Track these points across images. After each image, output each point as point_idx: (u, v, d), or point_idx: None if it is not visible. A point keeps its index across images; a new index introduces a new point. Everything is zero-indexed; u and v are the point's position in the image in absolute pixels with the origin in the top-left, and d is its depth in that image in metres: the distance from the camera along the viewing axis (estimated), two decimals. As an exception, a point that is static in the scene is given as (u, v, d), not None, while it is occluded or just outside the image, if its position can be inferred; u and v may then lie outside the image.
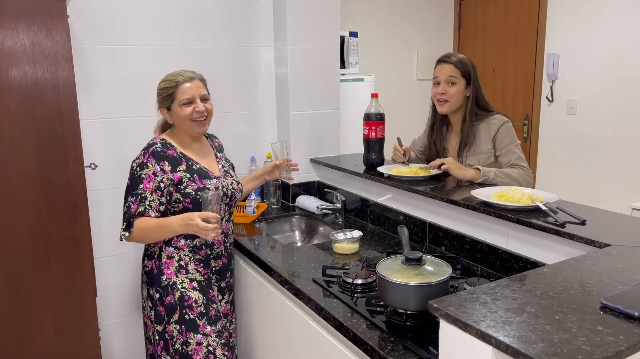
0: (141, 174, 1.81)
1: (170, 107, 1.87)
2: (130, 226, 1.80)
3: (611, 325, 0.93)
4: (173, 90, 1.85)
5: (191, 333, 1.85)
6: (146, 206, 1.79)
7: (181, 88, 1.86)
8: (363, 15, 3.96)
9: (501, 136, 2.08)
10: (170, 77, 1.89)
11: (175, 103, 1.86)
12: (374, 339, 1.34)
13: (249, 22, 2.70)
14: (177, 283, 1.87)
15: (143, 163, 1.82)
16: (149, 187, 1.80)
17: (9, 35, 1.79)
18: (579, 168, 3.59)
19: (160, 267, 1.88)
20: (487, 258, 1.78)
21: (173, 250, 1.88)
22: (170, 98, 1.86)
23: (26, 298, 1.94)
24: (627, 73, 3.26)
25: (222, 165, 2.03)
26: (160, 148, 1.85)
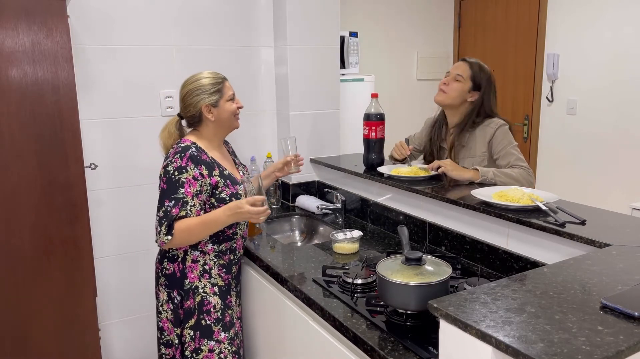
0: (180, 178, 1.75)
1: (217, 102, 1.85)
2: (171, 230, 1.74)
3: (611, 325, 0.93)
4: (221, 86, 1.86)
5: (205, 340, 1.83)
6: (187, 210, 1.75)
7: (226, 84, 1.89)
8: (363, 15, 3.95)
9: (497, 139, 2.09)
10: (210, 74, 1.88)
11: (222, 99, 1.86)
12: (374, 339, 1.34)
13: (249, 22, 2.70)
14: (199, 288, 1.85)
15: (182, 166, 1.76)
16: (190, 192, 1.75)
17: (9, 35, 1.79)
18: (579, 168, 3.59)
19: (184, 271, 1.84)
20: (487, 258, 1.78)
21: (199, 254, 1.85)
22: (219, 93, 1.85)
23: (26, 298, 1.94)
24: (627, 73, 3.26)
25: (242, 171, 2.02)
26: (196, 152, 1.81)
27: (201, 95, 1.84)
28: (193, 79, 1.87)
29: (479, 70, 2.15)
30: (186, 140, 1.84)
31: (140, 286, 2.62)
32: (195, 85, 1.85)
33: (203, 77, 1.87)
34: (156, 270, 1.92)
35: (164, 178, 1.77)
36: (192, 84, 1.86)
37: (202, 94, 1.84)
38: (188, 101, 1.86)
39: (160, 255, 1.90)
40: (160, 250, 1.91)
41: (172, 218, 1.73)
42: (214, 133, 1.90)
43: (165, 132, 1.92)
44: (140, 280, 2.61)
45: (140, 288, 2.62)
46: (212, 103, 1.85)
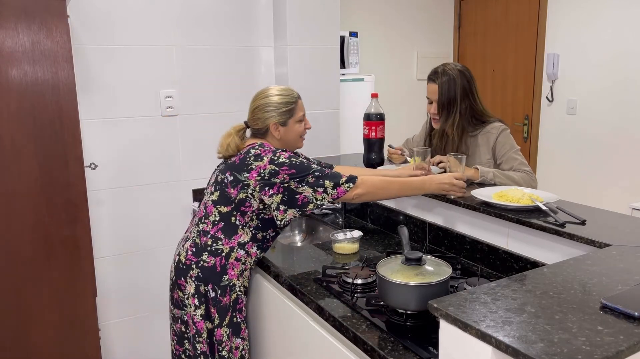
0: (303, 162, 1.75)
1: (286, 122, 1.83)
2: (353, 179, 1.72)
3: (611, 325, 0.93)
4: (293, 105, 1.83)
5: (234, 337, 1.85)
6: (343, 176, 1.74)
7: (299, 104, 1.86)
8: (363, 15, 3.95)
9: (500, 144, 2.08)
10: (285, 92, 1.85)
11: (292, 119, 1.84)
12: (374, 339, 1.34)
13: (249, 22, 2.70)
14: (236, 286, 1.84)
15: (288, 156, 1.75)
16: (314, 165, 1.76)
17: (9, 35, 1.79)
18: (579, 168, 3.59)
19: (225, 266, 1.80)
20: (487, 258, 1.78)
21: (243, 253, 1.83)
22: (290, 113, 1.83)
23: (26, 298, 1.94)
24: (627, 74, 3.26)
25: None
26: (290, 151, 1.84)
27: (271, 112, 1.82)
28: (265, 94, 1.85)
29: (448, 86, 2.06)
30: (266, 144, 1.82)
31: (141, 286, 2.62)
32: (266, 101, 1.83)
33: (275, 93, 1.84)
34: (186, 262, 1.81)
35: (285, 167, 1.72)
36: (263, 99, 1.83)
37: (272, 112, 1.82)
38: (257, 115, 1.84)
39: (198, 247, 1.81)
40: (196, 243, 1.81)
41: (338, 175, 1.72)
42: (276, 146, 1.86)
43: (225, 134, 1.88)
44: (140, 279, 2.61)
45: (140, 288, 2.62)
46: (281, 123, 1.83)
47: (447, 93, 2.07)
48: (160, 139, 2.57)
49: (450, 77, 2.08)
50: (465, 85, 2.09)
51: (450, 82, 2.07)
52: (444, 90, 2.07)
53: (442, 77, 2.08)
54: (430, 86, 2.14)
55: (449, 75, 2.08)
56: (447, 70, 2.09)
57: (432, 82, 2.12)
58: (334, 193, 1.73)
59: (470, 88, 2.10)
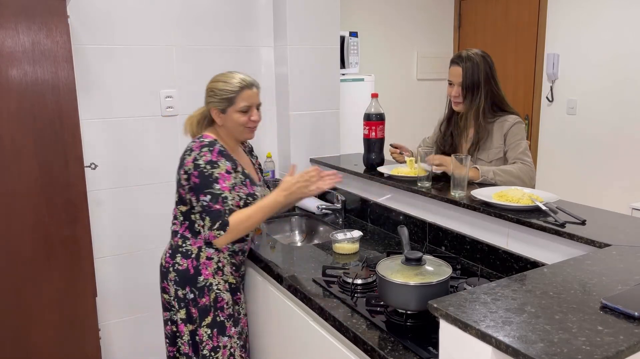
0: (213, 173, 1.73)
1: (225, 110, 1.81)
2: (225, 225, 1.70)
3: (611, 325, 0.93)
4: (234, 95, 1.79)
5: (220, 336, 1.83)
6: (230, 205, 1.72)
7: (243, 94, 1.80)
8: (363, 15, 3.95)
9: (512, 133, 2.09)
10: (231, 79, 1.81)
11: (232, 108, 1.80)
12: (374, 339, 1.34)
13: (249, 22, 2.70)
14: (213, 284, 1.83)
15: (213, 161, 1.74)
16: (226, 186, 1.73)
17: (9, 35, 1.79)
18: (579, 168, 3.59)
19: (198, 267, 1.82)
20: (487, 258, 1.78)
21: (214, 252, 1.84)
22: (229, 102, 1.80)
23: (26, 298, 1.94)
24: (627, 74, 3.26)
25: (260, 174, 2.02)
26: (224, 148, 1.81)
27: (213, 97, 1.82)
28: (216, 78, 1.84)
29: (472, 68, 2.09)
30: (208, 136, 1.81)
31: (140, 286, 2.62)
32: (212, 86, 1.83)
33: (222, 80, 1.82)
34: (165, 265, 1.85)
35: (195, 172, 1.73)
36: (212, 83, 1.84)
37: (214, 97, 1.82)
38: (205, 98, 1.86)
39: (172, 249, 1.85)
40: (171, 244, 1.88)
41: (219, 215, 1.69)
42: (226, 135, 1.87)
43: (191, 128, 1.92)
44: (140, 279, 2.61)
45: (140, 288, 2.62)
46: (221, 110, 1.82)
47: (472, 77, 2.10)
48: (160, 139, 2.57)
49: (474, 62, 2.10)
50: (487, 70, 2.12)
51: (474, 66, 2.10)
52: (468, 73, 2.09)
53: (467, 61, 2.10)
54: (453, 69, 2.14)
55: (472, 60, 2.10)
56: (470, 55, 2.12)
57: (456, 65, 2.13)
58: (207, 234, 1.73)
59: (492, 73, 2.13)
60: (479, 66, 2.10)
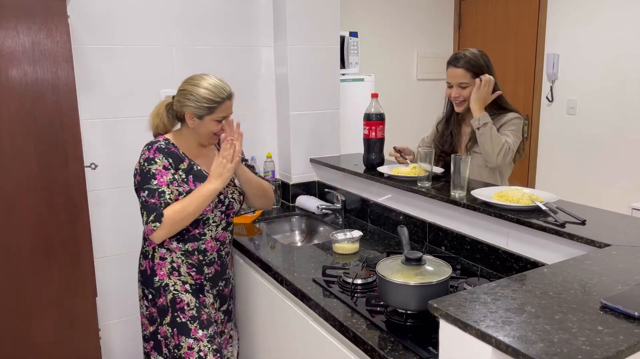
0: (150, 169, 1.75)
1: (202, 117, 1.78)
2: (160, 217, 1.70)
3: (611, 325, 0.93)
4: (216, 105, 1.77)
5: (183, 337, 1.82)
6: (167, 199, 1.72)
7: (224, 105, 1.79)
8: (363, 15, 3.95)
9: (508, 124, 2.10)
10: (214, 88, 1.76)
11: (209, 117, 1.78)
12: (374, 339, 1.34)
13: (249, 22, 2.70)
14: (169, 285, 1.84)
15: (150, 158, 1.77)
16: (163, 181, 1.74)
17: (9, 35, 1.79)
18: (579, 168, 3.59)
19: (153, 268, 1.86)
20: (487, 258, 1.78)
21: (165, 251, 1.85)
22: (209, 111, 1.77)
23: (26, 298, 1.94)
24: (627, 74, 3.26)
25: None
26: (164, 145, 1.81)
27: (191, 102, 1.77)
28: (196, 82, 1.79)
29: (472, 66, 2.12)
30: (160, 137, 1.85)
31: (140, 286, 2.62)
32: (193, 90, 1.77)
33: (204, 87, 1.77)
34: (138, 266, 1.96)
35: (138, 170, 1.79)
36: (191, 86, 1.78)
37: (193, 102, 1.77)
38: (179, 97, 1.81)
39: (141, 250, 1.94)
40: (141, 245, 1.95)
41: (156, 207, 1.70)
42: (192, 137, 1.86)
43: (154, 111, 1.91)
44: (140, 280, 2.61)
45: (140, 288, 2.62)
46: (197, 116, 1.79)
47: (477, 66, 2.12)
48: (160, 139, 2.57)
49: (473, 56, 2.14)
50: (488, 63, 2.15)
51: (473, 59, 2.13)
52: (470, 65, 2.12)
53: (463, 59, 2.13)
54: (451, 71, 2.16)
55: (470, 55, 2.14)
56: (466, 53, 2.15)
57: (454, 66, 2.15)
58: (145, 229, 1.74)
59: (490, 71, 2.15)
60: (479, 59, 2.13)
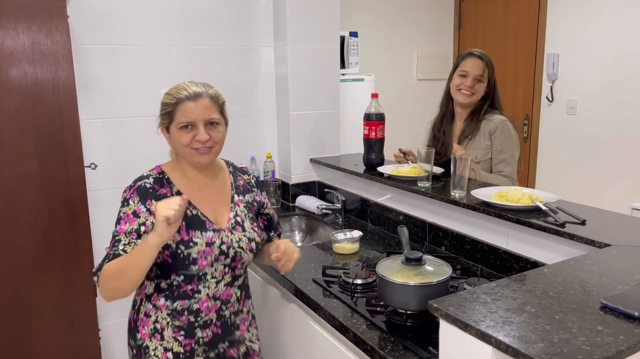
0: (120, 212, 1.44)
1: (168, 128, 1.47)
2: (97, 270, 1.38)
3: (611, 325, 0.93)
4: (172, 108, 1.44)
5: None
6: (119, 251, 1.36)
7: (181, 107, 1.42)
8: (363, 15, 3.95)
9: (497, 135, 2.12)
10: (173, 90, 1.47)
11: (173, 124, 1.45)
12: (374, 339, 1.34)
13: (249, 22, 2.70)
14: (149, 348, 1.46)
15: (126, 199, 1.44)
16: (123, 229, 1.40)
17: (9, 35, 1.79)
18: (579, 168, 3.59)
19: (137, 322, 1.50)
20: (487, 258, 1.78)
21: (151, 308, 1.47)
22: (169, 117, 1.45)
23: (26, 298, 1.94)
24: (627, 74, 3.26)
25: (236, 213, 1.54)
26: (151, 184, 1.45)
27: (159, 113, 1.49)
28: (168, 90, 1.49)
29: (491, 64, 2.19)
30: (156, 169, 1.52)
31: (140, 286, 2.62)
32: (163, 97, 1.48)
33: (167, 91, 1.48)
34: None
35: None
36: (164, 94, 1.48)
37: (160, 112, 1.49)
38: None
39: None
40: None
41: (104, 258, 1.39)
42: (181, 159, 1.52)
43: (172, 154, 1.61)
44: (140, 280, 2.61)
45: (140, 288, 2.62)
46: (165, 127, 1.48)
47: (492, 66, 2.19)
48: (160, 139, 2.56)
49: (489, 57, 2.21)
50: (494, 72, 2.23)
51: (490, 59, 2.21)
52: (489, 61, 2.18)
53: (485, 54, 2.20)
54: (475, 61, 2.18)
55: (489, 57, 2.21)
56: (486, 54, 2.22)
57: (479, 58, 2.18)
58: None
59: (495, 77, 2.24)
60: (493, 66, 2.20)
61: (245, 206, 1.58)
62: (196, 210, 1.48)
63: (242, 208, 1.57)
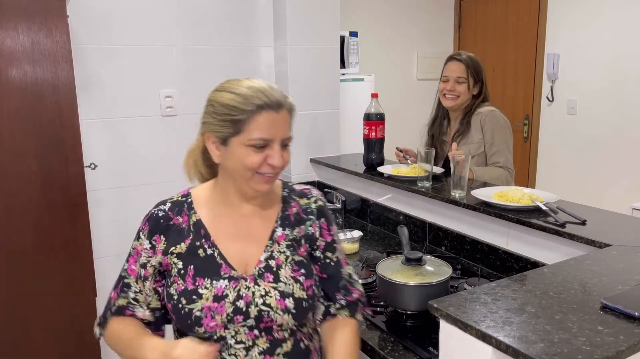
0: (132, 246, 1.18)
1: (227, 139, 1.08)
2: (104, 323, 1.19)
3: (611, 325, 0.93)
4: (244, 116, 1.05)
5: None
6: (130, 299, 1.16)
7: (259, 119, 1.06)
8: (363, 15, 3.95)
9: (488, 127, 2.14)
10: (242, 88, 1.08)
11: (237, 138, 1.07)
12: (374, 339, 1.34)
13: (249, 22, 2.70)
14: None
15: (138, 230, 1.17)
16: (134, 270, 1.16)
17: (9, 35, 1.79)
18: (579, 168, 3.59)
19: None
20: (487, 258, 1.78)
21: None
22: (234, 127, 1.06)
23: (26, 297, 1.94)
24: (627, 74, 3.26)
25: (271, 254, 1.14)
26: (165, 212, 1.15)
27: (211, 116, 1.11)
28: (223, 86, 1.14)
29: (472, 63, 2.20)
30: (184, 191, 1.22)
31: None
32: (215, 97, 1.11)
33: (230, 89, 1.10)
34: None
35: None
36: (215, 92, 1.13)
37: (212, 116, 1.10)
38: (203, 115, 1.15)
39: None
40: None
41: (109, 306, 1.19)
42: (227, 180, 1.15)
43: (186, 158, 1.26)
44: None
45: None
46: (220, 138, 1.09)
47: (476, 66, 2.20)
48: (160, 139, 2.57)
49: (473, 57, 2.24)
50: (483, 68, 2.24)
51: (473, 59, 2.23)
52: (471, 62, 2.20)
53: (465, 55, 2.23)
54: (452, 64, 2.22)
55: (471, 55, 2.24)
56: (467, 53, 2.25)
57: (456, 60, 2.22)
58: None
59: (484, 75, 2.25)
60: (478, 62, 2.21)
61: (290, 244, 1.16)
62: (214, 248, 1.12)
63: (283, 247, 1.15)
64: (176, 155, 2.61)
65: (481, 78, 2.20)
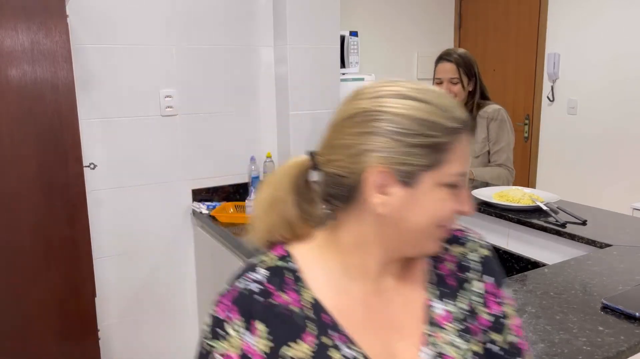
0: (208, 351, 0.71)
1: (415, 176, 0.68)
2: None
3: (612, 325, 0.93)
4: (447, 140, 0.68)
5: None
6: None
7: (460, 146, 0.69)
8: (363, 15, 3.95)
9: (493, 126, 2.16)
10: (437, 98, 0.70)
11: (432, 173, 0.68)
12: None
13: (249, 22, 2.70)
14: None
15: (218, 321, 0.71)
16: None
17: (8, 35, 1.79)
18: (579, 168, 3.59)
19: None
20: (488, 258, 1.77)
21: None
22: (434, 155, 0.68)
23: (26, 298, 1.93)
24: (628, 73, 3.26)
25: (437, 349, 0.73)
26: (262, 285, 0.72)
27: (381, 140, 0.69)
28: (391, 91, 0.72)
29: (464, 61, 2.19)
30: (278, 249, 0.77)
31: (140, 286, 2.62)
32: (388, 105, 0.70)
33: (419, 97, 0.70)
34: None
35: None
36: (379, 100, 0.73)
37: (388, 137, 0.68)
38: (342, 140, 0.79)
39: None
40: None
41: None
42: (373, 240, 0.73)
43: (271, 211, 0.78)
44: (139, 280, 2.61)
45: (140, 288, 2.62)
46: (403, 176, 0.68)
47: (467, 63, 2.19)
48: (160, 139, 2.57)
49: (463, 53, 2.22)
50: (475, 62, 2.23)
51: (464, 55, 2.21)
52: (462, 60, 2.19)
53: (455, 54, 2.21)
54: (443, 65, 2.22)
55: (462, 53, 2.22)
56: (457, 50, 2.24)
57: (446, 61, 2.21)
58: None
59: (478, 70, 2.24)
60: (470, 58, 2.21)
61: (460, 327, 0.76)
62: (354, 349, 0.71)
63: (451, 334, 0.75)
64: (176, 155, 2.62)
65: (474, 73, 2.20)
